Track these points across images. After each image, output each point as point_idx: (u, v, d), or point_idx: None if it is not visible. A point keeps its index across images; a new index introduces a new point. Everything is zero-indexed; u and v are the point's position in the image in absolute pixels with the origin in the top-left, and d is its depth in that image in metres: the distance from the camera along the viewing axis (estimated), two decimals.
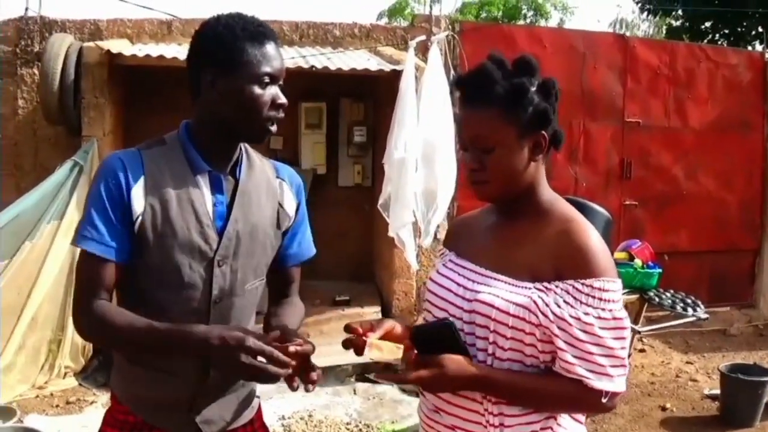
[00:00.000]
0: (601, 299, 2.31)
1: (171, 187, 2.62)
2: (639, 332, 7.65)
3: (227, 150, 2.73)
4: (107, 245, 2.54)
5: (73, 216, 7.61)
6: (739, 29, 20.91)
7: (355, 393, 7.79)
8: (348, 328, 2.43)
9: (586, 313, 2.29)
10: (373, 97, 9.89)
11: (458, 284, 2.55)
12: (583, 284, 2.32)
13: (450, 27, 9.64)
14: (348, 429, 6.98)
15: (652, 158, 10.68)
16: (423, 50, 8.49)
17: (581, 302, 2.31)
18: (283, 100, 2.65)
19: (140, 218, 2.57)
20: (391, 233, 7.68)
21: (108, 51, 7.93)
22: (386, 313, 8.81)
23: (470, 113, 2.46)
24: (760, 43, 21.59)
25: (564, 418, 2.50)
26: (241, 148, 2.79)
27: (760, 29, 20.53)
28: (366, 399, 7.68)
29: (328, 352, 8.10)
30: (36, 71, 9.01)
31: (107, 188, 2.56)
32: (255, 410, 3.03)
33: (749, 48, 19.15)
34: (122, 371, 2.84)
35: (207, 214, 2.66)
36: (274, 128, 2.68)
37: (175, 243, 2.61)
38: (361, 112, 10.00)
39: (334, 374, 8.07)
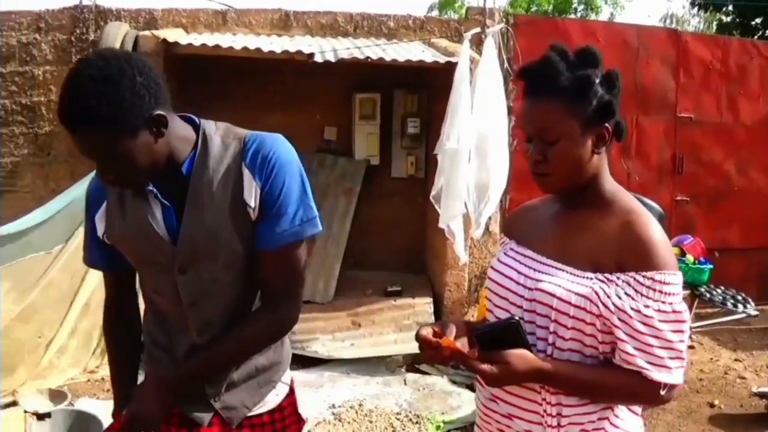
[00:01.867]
0: (661, 292, 2.31)
1: (125, 206, 2.69)
2: (690, 328, 7.64)
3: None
4: (97, 259, 2.93)
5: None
6: None
7: (405, 383, 7.81)
8: (420, 339, 2.43)
9: (647, 306, 2.30)
10: (426, 89, 9.89)
11: (519, 272, 2.56)
12: (644, 277, 2.32)
13: (504, 20, 9.66)
14: (398, 419, 7.00)
15: (704, 154, 10.66)
16: (477, 43, 8.48)
17: (642, 295, 2.31)
18: None
19: (104, 238, 2.80)
20: (441, 224, 7.71)
21: (164, 40, 8.03)
22: (438, 304, 8.83)
23: (534, 105, 2.46)
24: None
25: (621, 410, 2.51)
26: (198, 134, 2.63)
27: None
28: (416, 389, 7.69)
29: (379, 342, 8.24)
30: None
31: (86, 211, 2.85)
32: (282, 397, 2.99)
33: None
34: (149, 353, 2.97)
35: (156, 227, 2.63)
36: None
37: (136, 258, 2.78)
38: (414, 103, 9.99)
39: (385, 364, 8.13)
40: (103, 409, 6.59)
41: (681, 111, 10.49)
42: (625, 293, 2.33)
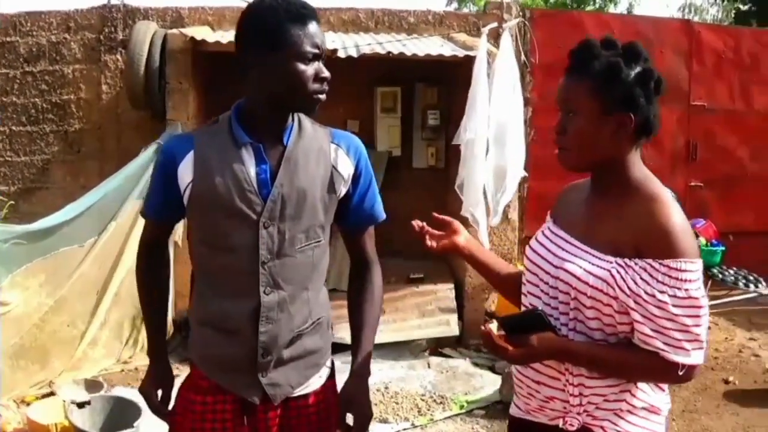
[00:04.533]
0: (677, 279, 2.43)
1: (215, 159, 2.87)
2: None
3: (276, 121, 2.92)
4: (158, 213, 3.10)
5: None
6: None
7: (429, 366, 7.98)
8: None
9: (662, 292, 2.43)
10: (446, 82, 9.98)
11: (549, 251, 2.72)
12: (660, 264, 2.44)
13: (521, 14, 9.81)
14: (423, 400, 7.14)
15: (717, 140, 10.81)
16: (494, 36, 8.57)
17: (657, 280, 2.44)
18: (326, 74, 2.85)
19: (188, 189, 2.90)
20: (464, 212, 7.86)
21: (192, 38, 8.21)
22: (459, 289, 8.97)
23: (567, 81, 2.64)
24: None
25: (644, 384, 2.66)
26: (293, 119, 2.97)
27: None
28: (439, 372, 7.84)
29: (403, 328, 8.45)
30: (119, 58, 9.36)
31: (160, 167, 3.00)
32: (324, 379, 3.17)
33: None
34: (194, 334, 3.12)
35: (248, 180, 2.86)
36: (322, 97, 2.87)
37: (219, 209, 2.87)
38: (434, 96, 10.10)
39: (409, 349, 8.31)
40: (139, 397, 6.81)
41: (694, 99, 10.65)
42: (641, 278, 2.47)
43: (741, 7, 23.82)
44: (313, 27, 2.83)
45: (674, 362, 2.47)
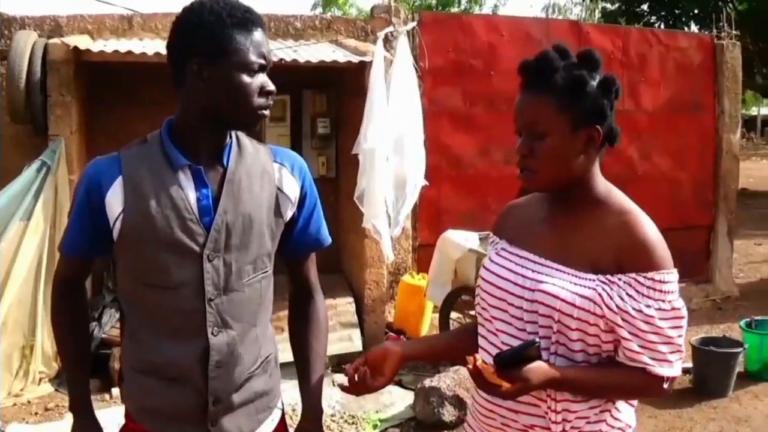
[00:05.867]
0: (661, 291, 2.37)
1: (149, 185, 2.58)
2: None
3: (214, 140, 2.65)
4: (80, 249, 2.73)
5: (40, 217, 7.53)
6: (676, 11, 21.21)
7: (334, 384, 7.74)
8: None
9: (648, 306, 2.36)
10: (336, 89, 9.89)
11: (516, 273, 2.56)
12: (645, 278, 2.37)
13: (411, 17, 9.71)
14: (333, 421, 6.97)
15: None
16: (384, 41, 8.46)
17: (643, 295, 2.36)
18: (271, 87, 2.60)
19: (118, 221, 2.57)
20: (365, 224, 7.76)
21: (74, 47, 7.83)
22: (359, 303, 8.84)
23: (528, 99, 2.49)
24: (695, 24, 22.02)
25: (620, 402, 2.57)
26: (231, 136, 2.70)
27: (696, 11, 20.90)
28: None
29: None
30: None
31: (84, 195, 2.62)
32: (277, 422, 2.97)
33: (685, 29, 19.47)
34: (130, 383, 2.80)
35: (189, 209, 2.59)
36: (266, 113, 2.63)
37: (157, 242, 2.57)
38: (324, 103, 10.00)
39: None
40: None
41: None
42: (627, 294, 2.38)
43: (608, 6, 24.34)
44: (258, 35, 2.58)
45: (660, 376, 2.42)
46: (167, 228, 2.57)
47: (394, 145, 7.63)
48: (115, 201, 2.57)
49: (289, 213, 2.83)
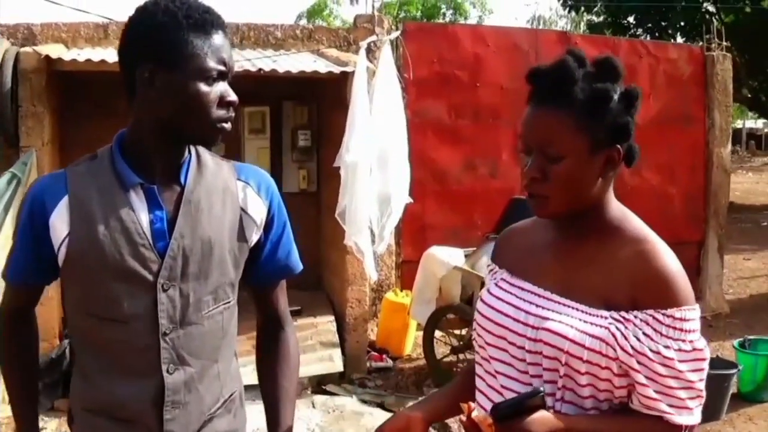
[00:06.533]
0: (681, 330, 2.09)
1: (97, 206, 2.33)
2: None
3: (170, 156, 2.41)
4: (25, 276, 2.47)
5: (10, 232, 7.25)
6: (663, 23, 21.22)
7: (313, 406, 7.57)
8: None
9: (667, 347, 2.08)
10: (317, 100, 9.69)
11: (518, 308, 2.27)
12: (663, 315, 2.09)
13: (394, 27, 9.55)
14: None
15: None
16: (367, 51, 8.26)
17: (661, 334, 2.09)
18: (233, 97, 2.34)
19: (64, 245, 2.33)
20: (347, 242, 7.58)
21: (46, 56, 7.58)
22: (340, 321, 8.63)
23: (541, 113, 2.18)
24: (681, 36, 21.99)
25: None
26: (190, 151, 2.46)
27: (682, 23, 20.86)
28: (326, 412, 7.46)
29: None
30: None
31: (27, 217, 2.37)
32: None
33: (672, 41, 19.44)
34: (79, 424, 2.55)
35: (140, 232, 2.33)
36: (227, 126, 2.35)
37: (105, 269, 2.32)
38: (305, 115, 9.79)
39: None
40: None
41: None
42: (644, 333, 2.09)
43: (594, 18, 24.39)
44: (218, 38, 2.31)
45: (678, 425, 2.13)
46: (116, 254, 2.32)
47: (377, 158, 7.44)
48: (60, 223, 2.33)
49: (254, 237, 2.56)
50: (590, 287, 2.20)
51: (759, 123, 54.08)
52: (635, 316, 2.11)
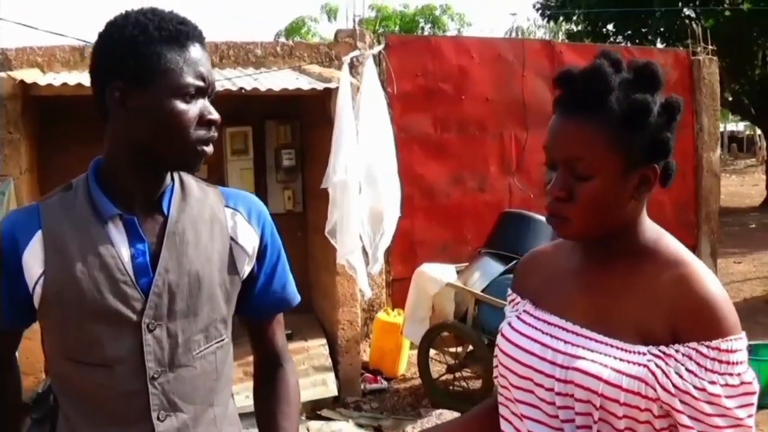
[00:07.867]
0: (728, 363, 1.84)
1: (73, 241, 2.14)
2: None
3: (149, 183, 2.21)
4: (0, 320, 2.23)
5: None
6: (643, 29, 21.24)
7: None
8: None
9: (713, 382, 1.82)
10: (300, 118, 9.52)
11: (544, 345, 2.01)
12: (708, 347, 1.84)
13: (376, 41, 9.41)
14: None
15: None
16: (349, 66, 8.09)
17: (706, 369, 1.83)
18: (214, 115, 2.14)
19: (39, 285, 2.14)
20: (340, 261, 7.43)
21: (21, 81, 7.35)
22: (332, 344, 8.46)
23: (570, 125, 1.94)
24: (662, 42, 21.97)
25: None
26: (172, 177, 2.28)
27: (662, 29, 20.84)
28: None
29: None
30: None
31: None
32: None
33: (652, 47, 19.46)
34: None
35: (121, 269, 2.14)
36: (208, 149, 2.16)
37: (84, 310, 2.13)
38: (288, 134, 9.58)
39: None
40: None
41: None
42: (687, 370, 1.84)
43: (573, 27, 24.40)
44: (195, 51, 2.12)
45: None
46: (96, 293, 2.11)
47: (365, 175, 7.30)
48: (34, 261, 2.12)
49: (246, 269, 2.36)
50: (624, 319, 1.95)
51: (740, 126, 54.32)
52: (677, 351, 1.86)
